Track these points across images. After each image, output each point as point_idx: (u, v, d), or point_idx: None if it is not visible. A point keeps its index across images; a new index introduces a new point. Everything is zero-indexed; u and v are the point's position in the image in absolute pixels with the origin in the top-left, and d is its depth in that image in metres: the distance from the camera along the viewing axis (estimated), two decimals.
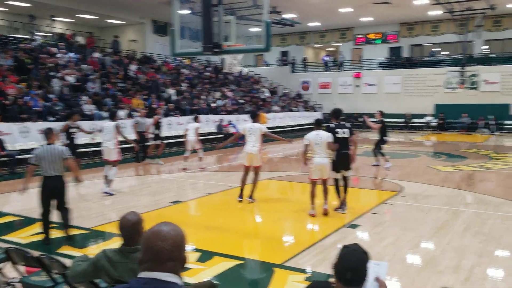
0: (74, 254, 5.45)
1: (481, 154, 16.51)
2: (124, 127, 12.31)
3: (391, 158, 13.05)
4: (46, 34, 25.24)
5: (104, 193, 9.40)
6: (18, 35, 22.83)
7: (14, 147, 12.79)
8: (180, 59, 27.44)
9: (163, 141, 14.77)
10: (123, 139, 10.19)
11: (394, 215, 7.95)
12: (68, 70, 18.49)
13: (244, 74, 32.45)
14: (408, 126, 28.75)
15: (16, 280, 3.99)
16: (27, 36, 22.02)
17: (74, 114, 10.92)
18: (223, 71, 21.93)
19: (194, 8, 12.90)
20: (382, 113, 13.10)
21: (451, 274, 5.12)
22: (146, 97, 19.75)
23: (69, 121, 10.55)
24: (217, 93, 25.28)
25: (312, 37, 35.68)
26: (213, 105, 23.06)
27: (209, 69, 29.59)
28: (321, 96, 32.68)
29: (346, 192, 8.00)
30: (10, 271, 4.18)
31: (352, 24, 32.62)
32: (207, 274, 5.08)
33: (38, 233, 6.41)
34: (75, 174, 6.54)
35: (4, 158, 12.25)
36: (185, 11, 13.93)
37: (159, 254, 1.77)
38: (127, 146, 10.41)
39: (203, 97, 23.56)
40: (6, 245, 4.58)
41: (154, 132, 14.36)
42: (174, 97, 21.66)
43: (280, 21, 23.96)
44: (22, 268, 4.08)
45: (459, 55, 25.27)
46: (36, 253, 4.00)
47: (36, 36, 21.84)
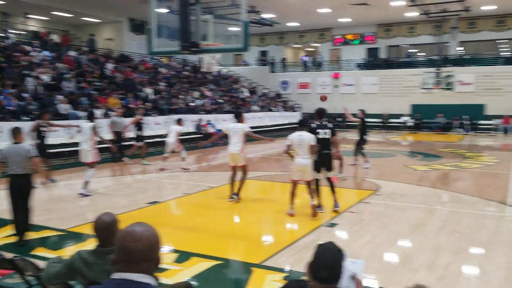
0: (49, 256, 5.34)
1: (456, 154, 16.82)
2: (101, 127, 12.14)
3: (369, 158, 13.19)
4: (20, 32, 24.74)
5: (80, 194, 9.25)
6: None
7: None
8: (158, 58, 27.20)
9: (144, 141, 14.65)
10: (100, 140, 10.06)
11: (372, 214, 8.03)
12: (43, 69, 18.15)
13: (223, 74, 32.38)
14: (386, 126, 29.11)
15: None
16: (1, 34, 21.53)
17: (45, 113, 10.73)
18: (202, 71, 21.80)
19: (172, 7, 12.76)
20: (364, 112, 13.15)
21: (426, 271, 5.20)
22: (123, 97, 19.53)
23: (40, 120, 10.37)
24: (196, 93, 25.15)
25: (291, 37, 35.83)
26: (192, 105, 22.94)
27: (188, 68, 29.43)
28: (300, 96, 32.87)
29: (334, 192, 7.97)
30: None
31: (331, 25, 32.88)
32: (185, 275, 5.04)
33: (12, 235, 6.26)
34: (40, 174, 6.48)
35: None
36: (163, 10, 13.77)
37: (132, 255, 1.75)
38: (104, 146, 10.25)
39: (182, 97, 23.41)
40: None
41: (136, 133, 14.21)
42: (152, 97, 21.47)
43: (259, 21, 23.99)
44: None
45: (435, 56, 25.71)
46: (9, 255, 3.89)
47: (10, 34, 21.41)
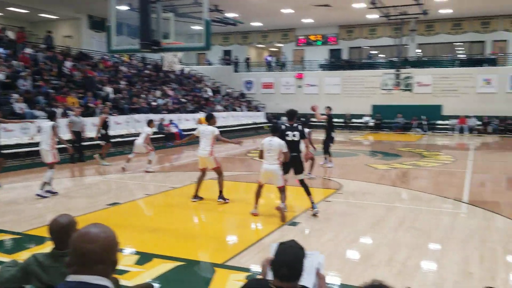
0: (3, 260, 5.14)
1: (414, 153, 17.32)
2: (59, 127, 11.77)
3: (332, 157, 13.36)
4: None
5: (37, 196, 8.95)
6: None
7: None
8: (118, 56, 26.64)
9: (110, 141, 14.41)
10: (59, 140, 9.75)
11: (334, 212, 8.14)
12: None
13: (186, 73, 32.09)
14: (348, 126, 29.63)
15: None
16: None
17: None
18: (164, 69, 21.54)
19: (132, 4, 12.55)
20: (330, 109, 13.17)
21: (386, 267, 5.32)
22: (82, 96, 19.03)
23: None
24: (158, 92, 24.80)
25: (255, 37, 35.90)
26: (154, 104, 22.60)
27: (149, 67, 28.98)
28: (264, 96, 33.00)
29: (310, 194, 7.79)
30: None
31: (294, 25, 33.15)
32: (146, 277, 4.95)
33: None
34: None
35: None
36: (123, 7, 13.53)
37: (87, 257, 1.70)
38: (63, 147, 9.95)
39: (143, 96, 23.03)
40: None
41: (102, 132, 13.92)
42: (112, 96, 21.01)
43: (222, 20, 23.90)
44: None
45: (395, 58, 26.36)
46: None
47: None
